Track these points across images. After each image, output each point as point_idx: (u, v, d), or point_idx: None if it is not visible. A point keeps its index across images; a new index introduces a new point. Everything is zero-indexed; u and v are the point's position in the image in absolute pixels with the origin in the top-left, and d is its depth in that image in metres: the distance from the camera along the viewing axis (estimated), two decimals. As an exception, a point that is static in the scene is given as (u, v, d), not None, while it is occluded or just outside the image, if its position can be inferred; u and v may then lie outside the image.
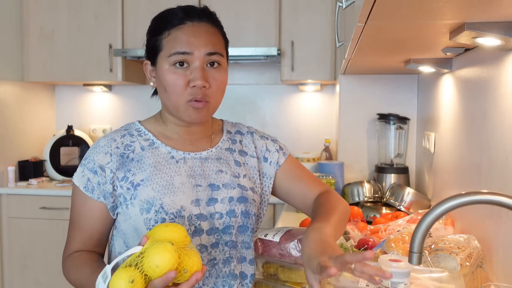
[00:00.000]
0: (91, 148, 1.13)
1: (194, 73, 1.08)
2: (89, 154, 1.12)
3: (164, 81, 1.10)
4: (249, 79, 3.47)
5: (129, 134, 1.15)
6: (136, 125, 1.19)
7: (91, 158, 1.11)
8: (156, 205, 1.06)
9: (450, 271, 1.15)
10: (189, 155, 1.15)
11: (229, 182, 1.15)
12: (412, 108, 2.65)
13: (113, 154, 1.11)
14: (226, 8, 3.01)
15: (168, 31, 1.11)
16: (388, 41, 1.41)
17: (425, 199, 2.22)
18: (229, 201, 1.13)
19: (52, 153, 3.34)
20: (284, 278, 1.18)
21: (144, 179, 1.09)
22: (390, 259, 1.06)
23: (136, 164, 1.11)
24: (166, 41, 1.10)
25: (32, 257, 3.07)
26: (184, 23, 1.11)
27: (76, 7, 3.21)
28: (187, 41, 1.09)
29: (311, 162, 2.79)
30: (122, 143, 1.13)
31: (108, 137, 1.14)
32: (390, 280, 1.03)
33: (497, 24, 1.03)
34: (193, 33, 1.10)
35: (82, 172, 1.11)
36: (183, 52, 1.08)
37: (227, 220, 1.12)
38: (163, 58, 1.10)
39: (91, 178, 1.10)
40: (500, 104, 1.27)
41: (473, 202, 0.82)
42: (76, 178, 1.12)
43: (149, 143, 1.14)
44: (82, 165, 1.12)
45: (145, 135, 1.16)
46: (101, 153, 1.11)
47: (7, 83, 3.17)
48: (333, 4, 2.96)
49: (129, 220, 1.10)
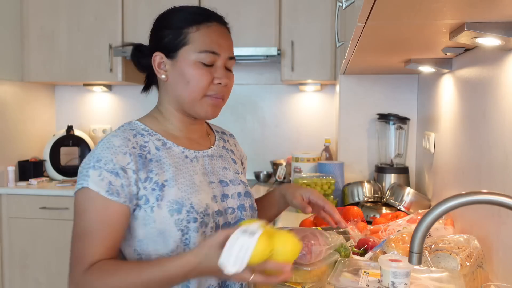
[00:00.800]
0: (104, 149, 1.04)
1: (219, 71, 1.11)
2: (104, 155, 1.03)
3: (189, 75, 1.09)
4: (249, 79, 3.46)
5: (139, 134, 1.11)
6: (139, 124, 1.15)
7: (108, 159, 1.02)
8: (187, 205, 1.05)
9: (450, 271, 1.15)
10: (199, 153, 1.17)
11: (234, 179, 1.21)
12: (412, 108, 2.65)
13: (132, 154, 1.05)
14: (226, 8, 3.01)
15: (197, 26, 1.10)
16: (388, 41, 1.41)
17: (425, 199, 2.22)
18: (238, 196, 1.19)
19: (52, 153, 3.34)
20: None
21: (168, 180, 1.07)
22: (390, 259, 1.06)
23: (156, 164, 1.08)
24: (195, 35, 1.10)
25: (32, 257, 3.07)
26: (211, 22, 1.12)
27: (76, 7, 3.21)
28: (218, 42, 1.11)
29: (311, 162, 2.79)
30: (137, 143, 1.08)
31: (121, 136, 1.07)
32: (390, 280, 1.03)
33: (497, 24, 1.03)
34: (221, 35, 1.13)
35: (99, 176, 1.01)
36: (214, 51, 1.10)
37: (238, 214, 1.17)
38: (190, 52, 1.09)
39: (113, 181, 1.01)
40: (500, 104, 1.27)
41: (473, 202, 0.82)
42: (93, 183, 1.01)
43: (161, 143, 1.12)
44: (96, 168, 1.02)
45: (155, 135, 1.13)
46: (119, 153, 1.04)
47: (7, 83, 3.17)
48: (333, 4, 2.96)
49: (152, 224, 1.04)
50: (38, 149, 3.47)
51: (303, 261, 1.14)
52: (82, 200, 1.03)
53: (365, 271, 1.18)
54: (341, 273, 1.16)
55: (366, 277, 1.15)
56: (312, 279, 1.17)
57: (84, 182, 1.02)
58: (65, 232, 3.02)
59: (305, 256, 1.14)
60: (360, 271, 1.18)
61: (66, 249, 3.41)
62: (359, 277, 1.15)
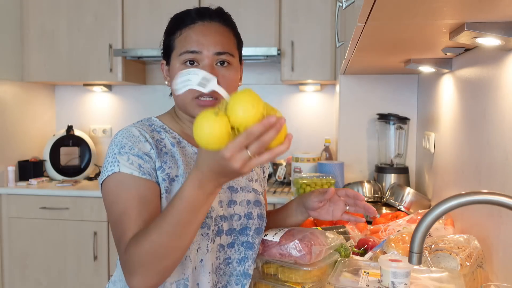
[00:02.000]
0: (124, 137, 1.06)
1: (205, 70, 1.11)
2: (126, 142, 1.05)
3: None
4: (249, 79, 3.46)
5: (156, 130, 1.13)
6: (157, 121, 1.17)
7: (131, 146, 1.05)
8: None
9: (450, 271, 1.15)
10: None
11: (245, 186, 1.20)
12: (412, 108, 2.65)
13: (151, 143, 1.08)
14: (226, 8, 2.99)
15: (180, 31, 1.14)
16: (388, 41, 1.41)
17: (425, 199, 2.22)
18: (247, 204, 1.17)
19: (52, 153, 3.34)
20: (284, 278, 1.18)
21: (178, 175, 1.08)
22: (390, 259, 1.06)
23: (171, 158, 1.09)
24: (178, 40, 1.13)
25: (32, 257, 3.07)
26: (195, 22, 1.14)
27: (76, 7, 3.21)
28: (197, 40, 1.11)
29: (311, 162, 2.79)
30: (153, 137, 1.10)
31: (139, 128, 1.10)
32: (390, 280, 1.03)
33: (497, 24, 1.03)
34: (202, 33, 1.13)
35: (128, 160, 1.03)
36: (192, 51, 1.11)
37: (245, 222, 1.16)
38: (175, 57, 1.13)
39: (142, 164, 1.04)
40: (500, 104, 1.27)
41: (473, 202, 0.82)
42: (124, 166, 1.02)
43: (176, 141, 1.14)
44: (123, 154, 1.03)
45: (171, 133, 1.15)
46: (140, 142, 1.06)
47: (7, 83, 3.17)
48: (333, 4, 2.96)
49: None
50: (38, 149, 3.47)
51: (303, 261, 1.14)
52: (114, 184, 1.02)
53: (365, 271, 1.18)
54: (341, 273, 1.16)
55: (366, 277, 1.15)
56: (312, 279, 1.17)
57: (114, 167, 1.02)
58: (65, 232, 3.02)
59: (305, 256, 1.14)
60: (360, 271, 1.18)
61: (66, 249, 3.42)
62: (359, 277, 1.15)
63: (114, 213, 1.01)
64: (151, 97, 3.52)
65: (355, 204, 1.23)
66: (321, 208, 1.25)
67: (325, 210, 1.25)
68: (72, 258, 3.03)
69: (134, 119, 3.60)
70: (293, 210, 1.31)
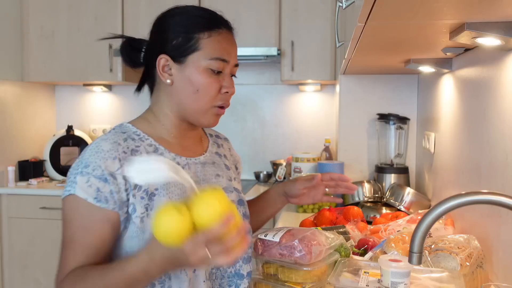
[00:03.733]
0: (92, 154, 1.00)
1: (227, 80, 1.09)
2: (92, 160, 0.99)
3: (198, 83, 1.06)
4: (249, 79, 3.46)
5: (130, 138, 1.06)
6: (131, 128, 1.10)
7: (97, 165, 0.98)
8: None
9: (450, 271, 1.15)
10: (191, 160, 1.13)
11: (227, 186, 1.17)
12: (412, 108, 2.65)
13: (121, 159, 1.00)
14: (226, 8, 2.99)
15: (209, 32, 1.07)
16: (388, 41, 1.41)
17: (425, 199, 2.22)
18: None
19: (52, 153, 3.34)
20: (284, 278, 1.18)
21: (158, 188, 1.02)
22: (390, 259, 1.06)
23: None
24: (207, 42, 1.06)
25: (32, 257, 3.07)
26: (222, 28, 1.09)
27: (76, 7, 3.21)
28: (227, 49, 1.09)
29: (311, 162, 2.79)
30: (128, 147, 1.03)
31: (110, 141, 1.02)
32: (390, 280, 1.03)
33: (497, 24, 1.03)
34: (230, 42, 1.10)
35: (87, 182, 0.97)
36: (224, 59, 1.07)
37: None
38: (200, 58, 1.06)
39: (101, 188, 0.97)
40: (500, 104, 1.27)
41: (473, 202, 0.82)
42: (80, 189, 0.97)
43: (153, 149, 1.07)
44: (84, 174, 0.98)
45: (146, 139, 1.08)
46: (108, 158, 0.99)
47: (7, 83, 3.17)
48: (333, 4, 2.96)
49: (141, 235, 1.00)
50: (38, 149, 3.47)
51: (303, 261, 1.14)
52: (68, 207, 1.02)
53: (365, 271, 1.18)
54: (341, 273, 1.16)
55: (366, 277, 1.15)
56: (312, 279, 1.17)
57: (72, 188, 0.99)
58: (65, 232, 3.02)
59: (305, 256, 1.14)
60: (360, 271, 1.18)
61: (66, 249, 3.35)
62: (359, 277, 1.15)
63: (64, 235, 1.03)
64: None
65: (336, 185, 1.30)
66: (303, 194, 1.29)
67: (306, 196, 1.30)
68: (72, 258, 3.03)
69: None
70: (273, 200, 1.33)
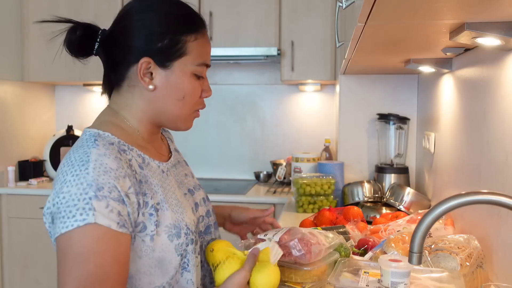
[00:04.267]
0: (100, 173, 0.86)
1: (206, 84, 1.04)
2: (105, 181, 0.86)
3: (185, 89, 0.99)
4: (249, 79, 3.46)
5: (121, 149, 0.95)
6: (112, 137, 0.97)
7: (112, 186, 0.86)
8: (183, 227, 0.97)
9: (450, 271, 1.15)
10: (167, 164, 1.06)
11: (195, 185, 1.16)
12: (412, 108, 2.65)
13: (129, 176, 0.91)
14: (226, 8, 3.01)
15: (195, 35, 0.99)
16: (388, 41, 1.41)
17: (425, 199, 2.22)
18: (204, 202, 1.15)
19: (52, 153, 3.34)
20: (284, 278, 1.18)
21: (160, 202, 0.95)
22: (390, 259, 1.06)
23: (146, 185, 0.95)
24: (194, 45, 0.99)
25: (32, 257, 3.07)
26: (204, 28, 1.03)
27: (76, 7, 3.21)
28: (209, 52, 1.04)
29: (311, 162, 2.79)
30: (125, 161, 0.93)
31: (112, 156, 0.90)
32: (390, 280, 1.03)
33: (497, 24, 1.03)
34: (209, 44, 1.06)
35: (107, 207, 0.84)
36: (207, 64, 1.03)
37: (207, 221, 1.13)
38: (188, 63, 0.98)
39: (121, 211, 0.87)
40: (500, 104, 1.27)
41: (473, 202, 0.82)
42: (101, 216, 0.83)
43: (141, 159, 0.98)
44: (101, 198, 0.84)
45: (131, 149, 0.98)
46: (119, 177, 0.88)
47: (7, 83, 3.17)
48: (333, 4, 2.96)
49: (150, 253, 0.93)
50: (38, 149, 3.47)
51: (302, 260, 1.14)
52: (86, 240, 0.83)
53: (365, 271, 1.18)
54: (341, 273, 1.16)
55: (366, 277, 1.15)
56: (312, 278, 1.17)
57: (88, 217, 0.83)
58: (65, 232, 3.02)
59: (305, 256, 1.14)
60: (360, 271, 1.18)
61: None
62: (359, 277, 1.15)
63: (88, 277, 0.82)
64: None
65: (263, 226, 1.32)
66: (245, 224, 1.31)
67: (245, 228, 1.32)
68: (72, 258, 3.03)
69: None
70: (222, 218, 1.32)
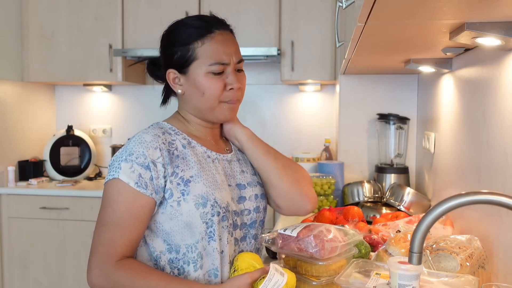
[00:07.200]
0: (136, 144, 1.12)
1: (230, 77, 1.18)
2: (136, 149, 1.11)
3: (202, 87, 1.17)
4: (249, 79, 3.43)
5: (167, 132, 1.18)
6: (166, 124, 1.22)
7: (140, 153, 1.10)
8: (211, 200, 1.13)
9: (451, 271, 1.15)
10: (220, 156, 1.24)
11: (251, 181, 1.27)
12: (412, 108, 2.65)
13: (162, 149, 1.13)
14: (226, 8, 3.01)
15: (202, 40, 1.16)
16: (388, 41, 1.41)
17: (425, 199, 2.22)
18: (255, 198, 1.25)
19: (52, 153, 3.34)
20: (302, 271, 1.21)
21: (193, 176, 1.14)
22: (400, 261, 1.04)
23: (182, 161, 1.15)
24: (202, 50, 1.16)
25: (32, 257, 3.07)
26: (213, 32, 1.17)
27: (76, 7, 3.21)
28: (224, 51, 1.17)
29: (311, 162, 2.79)
30: (166, 139, 1.16)
31: (152, 133, 1.15)
32: (397, 282, 1.02)
33: (497, 24, 1.03)
34: (225, 43, 1.18)
35: (130, 168, 1.09)
36: (223, 62, 1.16)
37: (254, 216, 1.24)
38: (200, 66, 1.16)
39: (142, 174, 1.09)
40: (500, 104, 1.27)
41: (473, 202, 0.82)
42: (124, 174, 1.09)
43: (187, 142, 1.19)
44: (128, 161, 1.10)
45: (181, 134, 1.20)
46: (150, 148, 1.11)
47: (7, 83, 3.17)
48: (333, 4, 2.96)
49: (179, 217, 1.12)
50: (38, 149, 3.47)
51: (316, 256, 1.17)
52: (111, 190, 1.10)
53: (377, 272, 1.17)
54: (351, 274, 1.16)
55: (376, 278, 1.14)
56: (328, 273, 1.20)
57: (115, 173, 1.10)
58: (65, 232, 3.02)
59: (319, 252, 1.17)
60: (372, 272, 1.18)
61: (66, 249, 3.41)
62: (369, 278, 1.14)
63: (106, 216, 1.10)
64: (151, 97, 3.52)
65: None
66: None
67: None
68: (72, 258, 3.03)
69: (134, 119, 3.61)
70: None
